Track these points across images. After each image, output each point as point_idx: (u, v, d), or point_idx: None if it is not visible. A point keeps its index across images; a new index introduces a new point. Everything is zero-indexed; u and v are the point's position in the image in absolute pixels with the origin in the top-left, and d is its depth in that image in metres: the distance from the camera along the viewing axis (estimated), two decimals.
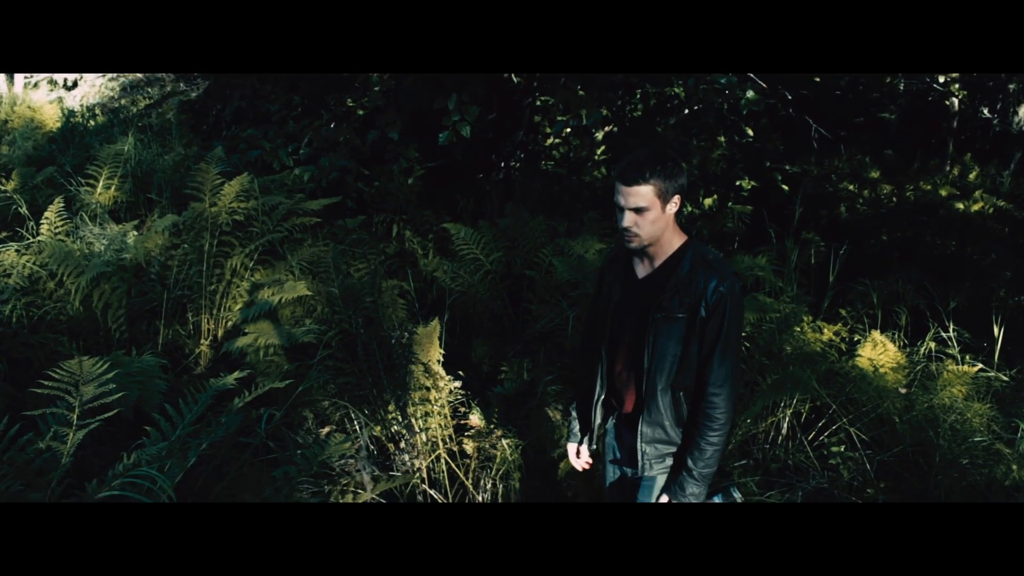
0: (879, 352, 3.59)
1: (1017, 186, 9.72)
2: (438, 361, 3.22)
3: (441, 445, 3.08)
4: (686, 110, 7.43)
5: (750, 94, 4.42)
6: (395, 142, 5.45)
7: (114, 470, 1.98)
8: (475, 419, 3.36)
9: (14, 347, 3.27)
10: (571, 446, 2.35)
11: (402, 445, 3.14)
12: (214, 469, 2.49)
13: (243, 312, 3.66)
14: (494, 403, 3.42)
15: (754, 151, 7.55)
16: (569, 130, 7.03)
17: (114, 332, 3.59)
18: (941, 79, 6.94)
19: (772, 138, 7.76)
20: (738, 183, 7.10)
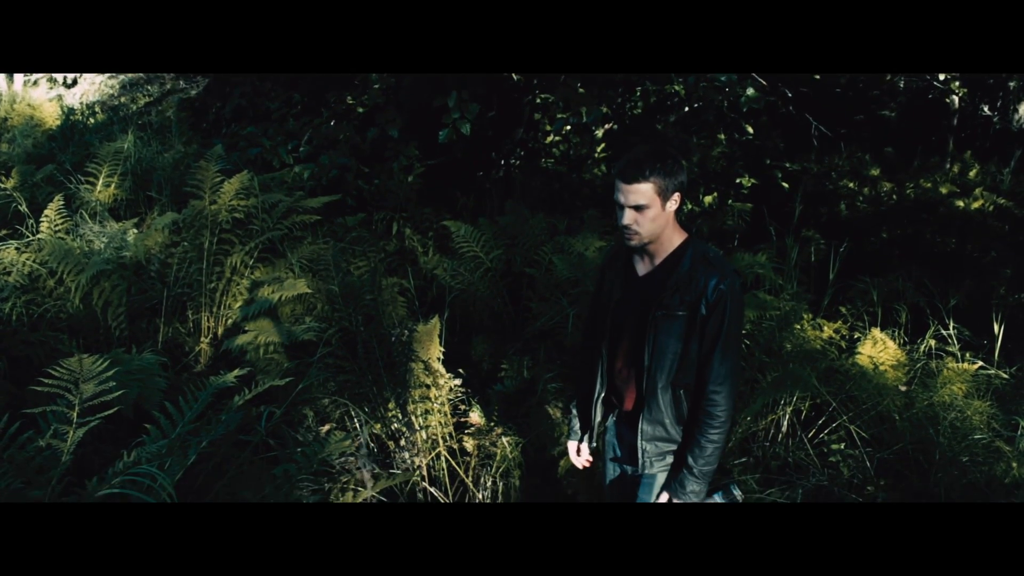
0: (879, 350, 3.59)
1: (1017, 184, 9.70)
2: (438, 359, 3.22)
3: (441, 443, 3.08)
4: (686, 108, 7.42)
5: (750, 91, 4.41)
6: (395, 140, 5.45)
7: (114, 468, 1.98)
8: (475, 417, 3.36)
9: (14, 345, 3.27)
10: (571, 444, 2.36)
11: (402, 443, 3.14)
12: (214, 467, 2.49)
13: (243, 310, 3.66)
14: (494, 401, 3.42)
15: (754, 149, 7.55)
16: (569, 128, 7.04)
17: (114, 330, 3.59)
18: (941, 77, 6.94)
19: (772, 136, 7.76)
20: (738, 181, 7.09)
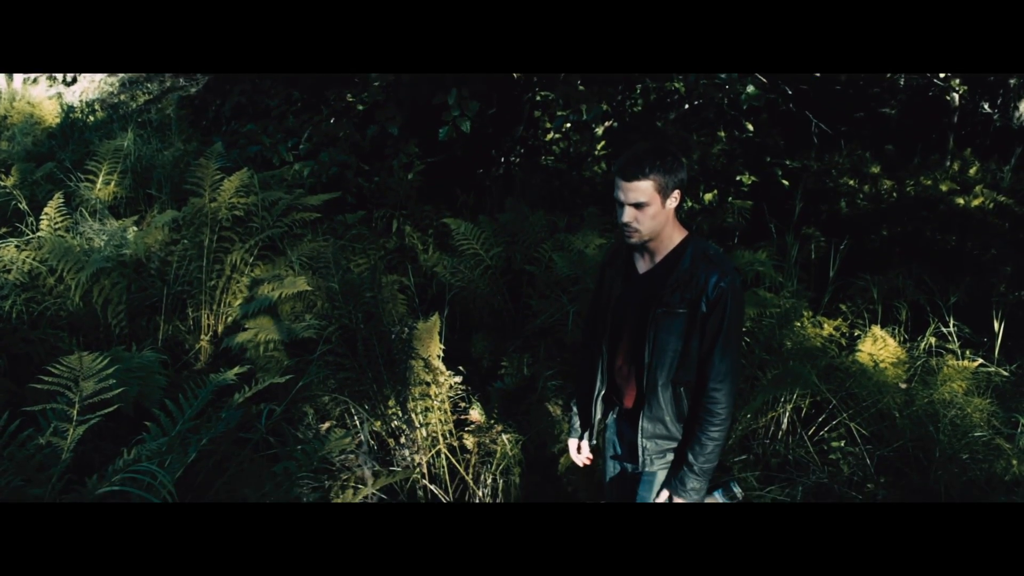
0: (879, 347, 3.59)
1: (1017, 181, 9.69)
2: (438, 356, 3.22)
3: (441, 440, 3.08)
4: (686, 105, 7.42)
5: (750, 89, 4.41)
6: (395, 137, 5.44)
7: (114, 465, 1.98)
8: (475, 414, 3.36)
9: (14, 343, 3.27)
10: (571, 441, 2.36)
11: (402, 440, 3.14)
12: (214, 464, 2.49)
13: (243, 307, 3.66)
14: (494, 398, 3.42)
15: (754, 146, 7.55)
16: (569, 125, 7.03)
17: (114, 328, 3.59)
18: (941, 74, 6.94)
19: (772, 133, 7.75)
20: (738, 178, 7.09)
